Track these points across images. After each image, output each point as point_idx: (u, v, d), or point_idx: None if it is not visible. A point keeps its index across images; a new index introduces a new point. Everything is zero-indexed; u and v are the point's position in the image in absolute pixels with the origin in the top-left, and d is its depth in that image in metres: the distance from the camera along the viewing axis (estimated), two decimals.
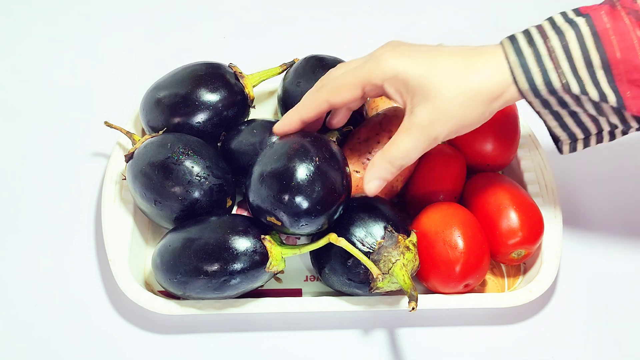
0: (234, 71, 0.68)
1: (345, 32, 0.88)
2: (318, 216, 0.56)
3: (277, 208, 0.55)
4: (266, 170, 0.56)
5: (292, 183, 0.55)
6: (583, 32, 0.51)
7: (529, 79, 0.52)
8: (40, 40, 0.85)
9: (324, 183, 0.55)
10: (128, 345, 0.61)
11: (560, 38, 0.52)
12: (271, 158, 0.57)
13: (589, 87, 0.51)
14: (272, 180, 0.56)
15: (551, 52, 0.52)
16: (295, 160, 0.55)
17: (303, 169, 0.55)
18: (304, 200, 0.55)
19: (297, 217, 0.55)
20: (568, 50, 0.51)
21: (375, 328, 0.62)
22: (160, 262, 0.58)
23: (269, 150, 0.58)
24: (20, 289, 0.64)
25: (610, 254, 0.68)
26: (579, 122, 0.56)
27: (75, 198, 0.70)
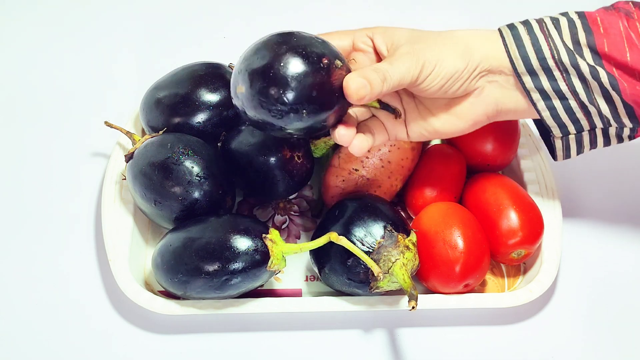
0: None
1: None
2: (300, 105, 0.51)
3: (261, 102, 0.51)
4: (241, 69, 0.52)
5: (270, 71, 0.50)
6: (573, 17, 0.55)
7: (519, 45, 0.55)
8: (40, 40, 0.85)
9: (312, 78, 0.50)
10: (128, 345, 0.61)
11: (552, 20, 0.55)
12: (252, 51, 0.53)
13: (579, 59, 0.53)
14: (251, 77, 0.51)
15: (542, 25, 0.55)
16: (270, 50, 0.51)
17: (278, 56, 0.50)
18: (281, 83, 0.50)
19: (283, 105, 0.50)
20: (559, 26, 0.55)
21: (375, 328, 0.62)
22: (161, 261, 0.58)
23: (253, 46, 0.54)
24: (20, 289, 0.64)
25: (610, 254, 0.68)
26: (569, 111, 0.56)
27: (75, 198, 0.70)
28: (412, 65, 0.53)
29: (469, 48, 0.55)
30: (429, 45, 0.54)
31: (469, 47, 0.55)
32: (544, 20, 0.56)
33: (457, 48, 0.55)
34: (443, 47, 0.54)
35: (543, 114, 0.57)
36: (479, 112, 0.57)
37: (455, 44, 0.55)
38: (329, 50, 0.52)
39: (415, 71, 0.53)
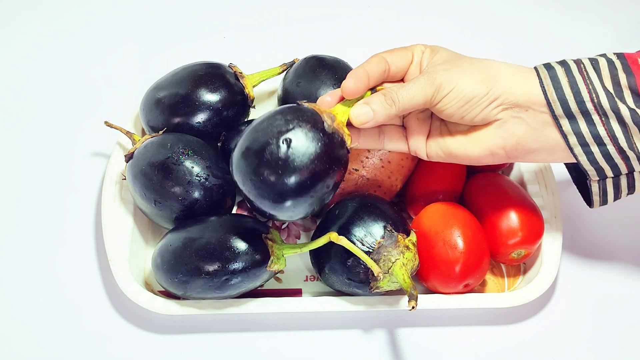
0: (234, 71, 0.68)
1: (345, 32, 0.88)
2: (297, 197, 0.51)
3: (253, 190, 0.51)
4: (241, 149, 0.52)
5: (264, 159, 0.50)
6: (614, 60, 0.53)
7: (557, 88, 0.53)
8: (40, 40, 0.85)
9: (308, 162, 0.50)
10: (128, 346, 0.61)
11: (591, 61, 0.53)
12: (246, 136, 0.53)
13: (619, 103, 0.51)
14: (247, 160, 0.51)
15: (580, 67, 0.53)
16: (268, 134, 0.51)
17: (275, 145, 0.50)
18: (276, 176, 0.50)
19: (275, 199, 0.51)
20: (598, 68, 0.53)
21: (375, 328, 0.62)
22: (161, 261, 0.58)
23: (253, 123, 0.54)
24: (19, 290, 0.64)
25: (610, 254, 0.68)
26: (607, 156, 0.54)
27: (75, 198, 0.70)
28: (426, 87, 0.53)
29: (495, 77, 0.53)
30: (453, 67, 0.54)
31: (496, 76, 0.53)
32: (582, 62, 0.54)
33: (482, 75, 0.53)
34: (467, 71, 0.53)
35: (580, 158, 0.54)
36: (497, 144, 0.55)
37: (482, 71, 0.54)
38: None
39: (429, 91, 0.53)
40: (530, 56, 0.68)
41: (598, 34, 0.89)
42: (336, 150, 0.52)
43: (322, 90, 0.66)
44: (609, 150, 0.53)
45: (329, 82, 0.67)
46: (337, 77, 0.67)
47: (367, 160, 0.65)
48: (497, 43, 0.87)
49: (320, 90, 0.66)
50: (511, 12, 0.92)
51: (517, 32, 0.89)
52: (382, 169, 0.65)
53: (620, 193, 0.57)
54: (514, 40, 0.88)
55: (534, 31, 0.89)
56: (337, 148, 0.52)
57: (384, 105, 0.53)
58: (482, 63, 0.55)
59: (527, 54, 0.84)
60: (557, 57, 0.57)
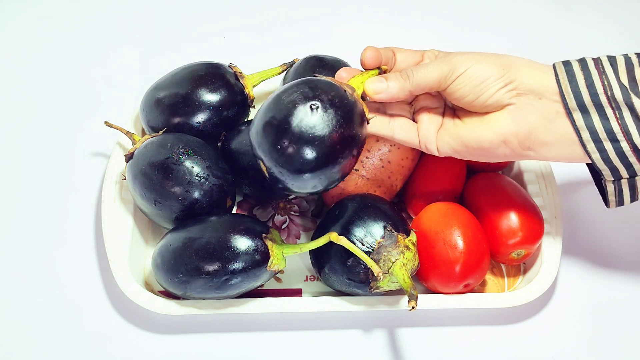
0: (234, 71, 0.68)
1: (345, 32, 0.88)
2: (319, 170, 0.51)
3: (269, 161, 0.52)
4: (265, 119, 0.52)
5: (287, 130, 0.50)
6: (632, 59, 0.53)
7: (572, 81, 0.52)
8: (40, 40, 0.85)
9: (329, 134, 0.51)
10: (128, 346, 0.61)
11: (609, 58, 0.53)
12: (267, 110, 0.53)
13: (633, 97, 0.51)
14: (266, 131, 0.52)
15: (597, 63, 0.53)
16: (291, 106, 0.51)
17: (300, 114, 0.51)
18: (301, 151, 0.50)
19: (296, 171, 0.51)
20: (615, 64, 0.52)
21: (375, 328, 0.62)
22: (161, 261, 0.58)
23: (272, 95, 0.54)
24: (19, 290, 0.64)
25: (610, 254, 0.68)
26: (621, 155, 0.53)
27: (75, 198, 0.70)
28: (442, 64, 0.54)
29: (511, 64, 0.54)
30: (469, 54, 0.55)
31: (512, 63, 0.54)
32: (600, 59, 0.53)
33: (498, 60, 0.54)
34: (484, 56, 0.54)
35: (593, 156, 0.53)
36: (509, 129, 0.54)
37: (498, 57, 0.54)
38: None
39: (445, 69, 0.54)
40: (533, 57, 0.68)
41: (601, 34, 0.89)
42: (359, 118, 0.53)
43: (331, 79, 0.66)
44: (623, 148, 0.53)
45: None
46: None
47: (367, 160, 0.65)
48: (498, 43, 0.87)
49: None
50: (513, 11, 0.92)
51: (518, 32, 0.89)
52: (382, 169, 0.65)
53: (637, 194, 0.56)
54: (515, 40, 0.88)
55: (537, 31, 0.89)
56: (359, 116, 0.53)
57: (398, 79, 0.55)
58: (499, 54, 0.55)
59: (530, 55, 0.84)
60: (559, 58, 0.56)
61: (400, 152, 0.65)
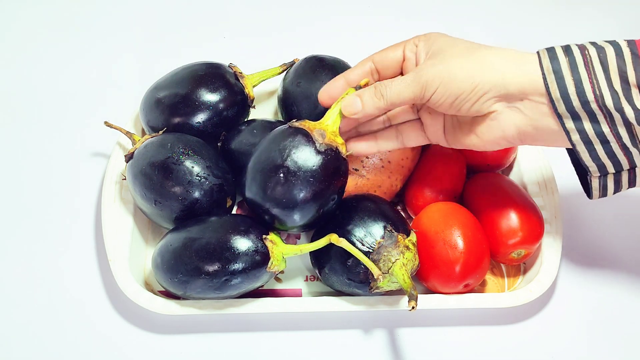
0: (234, 71, 0.68)
1: (345, 32, 0.88)
2: (298, 209, 0.56)
3: (264, 202, 0.57)
4: (254, 167, 0.58)
5: (276, 175, 0.56)
6: (623, 50, 0.51)
7: (561, 86, 0.51)
8: (41, 40, 0.85)
9: (312, 183, 0.56)
10: (128, 345, 0.61)
11: (598, 51, 0.51)
12: (256, 156, 0.58)
13: (623, 103, 0.50)
14: (260, 176, 0.57)
15: (586, 58, 0.51)
16: (276, 154, 0.56)
17: (281, 163, 0.55)
18: (287, 190, 0.55)
19: (286, 210, 0.56)
20: (605, 62, 0.51)
21: (375, 328, 0.62)
22: (161, 261, 0.58)
23: (260, 145, 0.59)
24: (20, 290, 0.64)
25: (610, 254, 0.68)
26: (610, 154, 0.53)
27: (75, 198, 0.70)
28: (413, 85, 0.54)
29: (484, 68, 0.52)
30: (441, 61, 0.53)
31: (486, 67, 0.53)
32: (588, 52, 0.51)
33: (470, 66, 0.53)
34: (456, 65, 0.53)
35: (582, 155, 0.53)
36: (497, 135, 0.55)
37: (471, 61, 0.53)
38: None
39: (417, 89, 0.54)
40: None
41: (599, 24, 0.89)
42: (332, 164, 0.56)
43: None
44: (613, 148, 0.52)
45: None
46: None
47: (367, 160, 0.65)
48: (498, 42, 0.87)
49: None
50: (513, 11, 0.92)
51: (518, 32, 0.89)
52: (382, 169, 0.65)
53: (621, 187, 0.56)
54: (516, 40, 0.87)
55: (534, 28, 0.89)
56: (332, 162, 0.56)
57: (372, 99, 0.55)
58: (476, 52, 0.53)
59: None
60: None
61: (400, 152, 0.65)
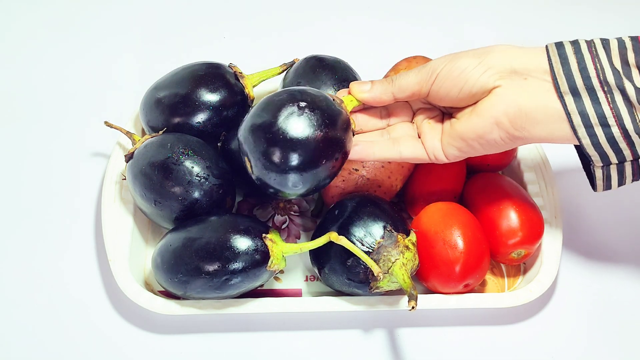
0: (234, 71, 0.68)
1: (345, 32, 0.88)
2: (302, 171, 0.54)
3: (256, 158, 0.54)
4: (251, 118, 0.55)
5: (275, 133, 0.53)
6: (625, 40, 0.53)
7: (565, 65, 0.53)
8: (41, 41, 0.86)
9: (312, 136, 0.53)
10: (128, 345, 0.61)
11: (602, 41, 0.53)
12: (259, 105, 0.56)
13: (625, 80, 0.51)
14: (254, 130, 0.54)
15: (590, 46, 0.53)
16: (279, 109, 0.54)
17: (287, 119, 0.53)
18: (285, 152, 0.53)
19: (275, 170, 0.53)
20: (608, 47, 0.53)
21: (375, 328, 0.62)
22: (161, 261, 0.58)
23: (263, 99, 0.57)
24: (20, 290, 0.64)
25: (610, 254, 0.68)
26: (611, 141, 0.53)
27: (75, 198, 0.70)
28: (421, 70, 0.57)
29: (488, 52, 0.55)
30: (446, 55, 0.56)
31: (490, 51, 0.55)
32: (594, 41, 0.54)
33: (474, 51, 0.56)
34: (460, 52, 0.56)
35: (583, 141, 0.53)
36: (499, 109, 0.54)
37: (475, 49, 0.56)
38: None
39: (424, 72, 0.57)
40: None
41: (599, 26, 0.89)
42: (343, 124, 0.55)
43: (322, 90, 0.66)
44: (614, 133, 0.52)
45: (329, 82, 0.67)
46: (337, 77, 0.67)
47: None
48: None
49: (321, 90, 0.66)
50: (512, 11, 0.92)
51: (518, 33, 0.89)
52: (382, 169, 0.65)
53: (625, 179, 0.56)
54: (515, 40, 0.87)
55: (537, 30, 0.89)
56: (344, 122, 0.55)
57: (382, 82, 0.58)
58: (477, 48, 0.57)
59: None
60: None
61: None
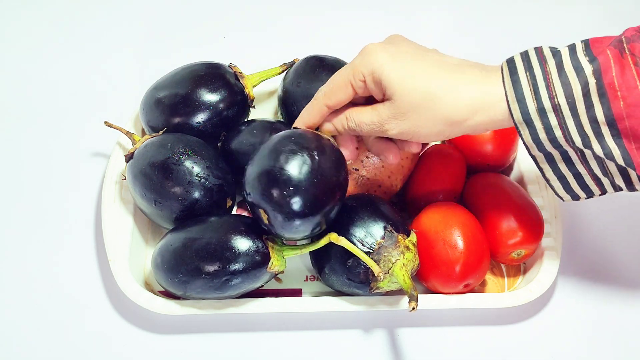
0: (234, 71, 0.68)
1: (345, 32, 0.88)
2: (312, 216, 0.54)
3: (270, 207, 0.54)
4: (260, 167, 0.55)
5: (286, 180, 0.53)
6: (590, 84, 0.49)
7: (533, 135, 0.51)
8: (41, 40, 0.85)
9: (320, 180, 0.54)
10: (128, 346, 0.61)
11: (565, 89, 0.49)
12: (264, 153, 0.56)
13: (593, 143, 0.49)
14: (265, 178, 0.54)
15: (556, 108, 0.50)
16: (289, 155, 0.54)
17: (297, 165, 0.54)
18: (298, 198, 0.53)
19: (290, 217, 0.54)
20: (574, 107, 0.49)
21: (375, 328, 0.62)
22: (161, 261, 0.58)
23: (264, 145, 0.57)
24: (19, 290, 0.64)
25: (610, 254, 0.68)
26: (583, 185, 0.54)
27: (75, 198, 0.70)
28: (377, 125, 0.55)
29: (454, 121, 0.52)
30: (405, 116, 0.53)
31: (455, 118, 0.52)
32: (554, 86, 0.49)
33: (440, 119, 0.52)
34: (423, 119, 0.53)
35: (554, 184, 0.55)
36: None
37: (435, 114, 0.52)
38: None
39: (377, 130, 0.56)
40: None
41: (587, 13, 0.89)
42: (344, 163, 0.58)
43: None
44: (585, 180, 0.53)
45: None
46: None
47: (367, 160, 0.65)
48: (495, 41, 0.87)
49: None
50: (511, 10, 0.92)
51: (517, 32, 0.89)
52: (382, 169, 0.65)
53: (593, 195, 0.56)
54: (515, 39, 0.87)
55: (534, 30, 0.89)
56: (344, 161, 0.58)
57: (341, 124, 0.58)
58: (435, 96, 0.52)
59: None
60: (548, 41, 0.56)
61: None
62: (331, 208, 0.56)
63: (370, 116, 0.55)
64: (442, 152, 0.68)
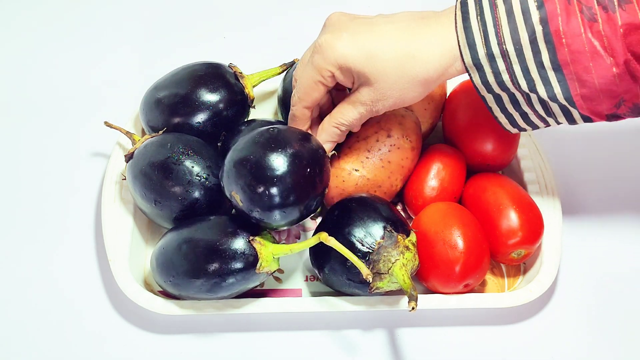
0: (234, 71, 0.68)
1: None
2: (291, 207, 0.56)
3: (239, 186, 0.56)
4: (238, 158, 0.56)
5: (266, 173, 0.55)
6: (537, 32, 0.51)
7: (482, 78, 0.54)
8: (40, 40, 0.85)
9: (297, 174, 0.55)
10: (128, 346, 0.61)
11: (513, 36, 0.52)
12: (243, 145, 0.57)
13: (539, 86, 0.53)
14: (232, 162, 0.56)
15: (504, 54, 0.52)
16: (268, 148, 0.56)
17: (276, 158, 0.55)
18: (277, 190, 0.55)
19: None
20: (522, 54, 0.52)
21: (375, 328, 0.62)
22: (156, 263, 0.58)
23: (243, 137, 0.59)
24: (19, 290, 0.64)
25: (610, 254, 0.67)
26: (528, 122, 0.58)
27: (75, 198, 0.70)
28: (366, 114, 0.59)
29: (426, 82, 0.55)
30: (384, 88, 0.56)
31: (427, 80, 0.55)
32: (503, 32, 0.52)
33: (414, 84, 0.55)
34: (402, 87, 0.56)
35: (501, 120, 0.58)
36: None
37: (410, 83, 0.55)
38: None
39: (368, 116, 0.59)
40: None
41: None
42: (322, 154, 0.59)
43: None
44: (530, 118, 0.57)
45: None
46: None
47: (367, 160, 0.65)
48: None
49: None
50: None
51: None
52: (382, 169, 0.65)
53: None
54: None
55: None
56: (322, 150, 0.59)
57: (335, 134, 0.61)
58: (405, 69, 0.55)
59: None
60: None
61: (400, 152, 0.65)
62: (302, 189, 0.56)
63: (357, 109, 0.58)
64: (442, 152, 0.68)
